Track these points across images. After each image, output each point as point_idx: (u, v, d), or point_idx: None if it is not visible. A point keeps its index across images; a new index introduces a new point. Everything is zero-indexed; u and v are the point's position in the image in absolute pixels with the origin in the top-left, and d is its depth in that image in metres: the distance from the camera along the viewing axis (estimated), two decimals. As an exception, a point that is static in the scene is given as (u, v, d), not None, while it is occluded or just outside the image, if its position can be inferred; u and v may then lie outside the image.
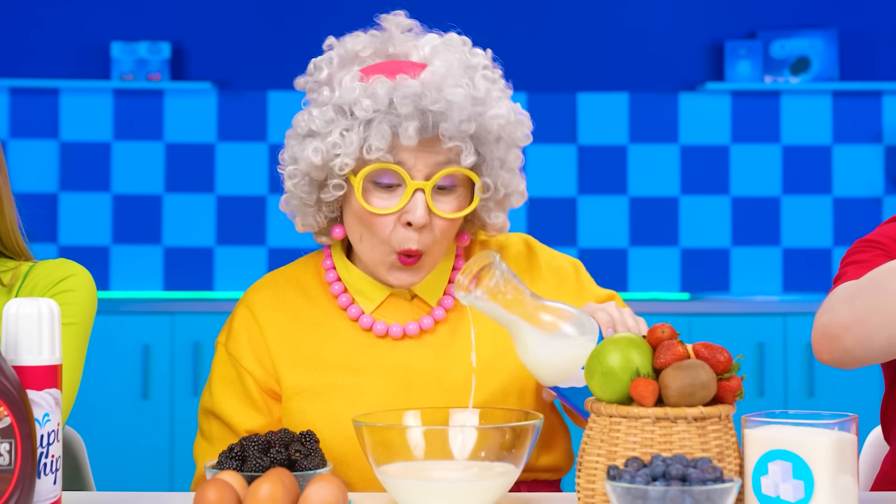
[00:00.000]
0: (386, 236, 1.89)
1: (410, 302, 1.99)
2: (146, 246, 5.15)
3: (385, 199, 1.89)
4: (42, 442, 1.51)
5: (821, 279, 5.20)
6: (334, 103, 1.89)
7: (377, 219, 1.89)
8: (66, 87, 5.12)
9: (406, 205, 1.88)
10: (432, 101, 1.84)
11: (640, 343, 1.55)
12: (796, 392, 4.63)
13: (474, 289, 1.68)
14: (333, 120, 1.88)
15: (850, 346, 1.82)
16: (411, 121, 1.84)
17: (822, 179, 5.22)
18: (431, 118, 1.85)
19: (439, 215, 1.89)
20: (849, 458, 1.51)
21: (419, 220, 1.87)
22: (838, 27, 5.19)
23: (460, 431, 1.59)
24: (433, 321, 1.97)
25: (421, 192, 1.88)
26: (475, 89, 1.88)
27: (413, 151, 1.87)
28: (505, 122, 1.90)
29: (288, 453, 1.64)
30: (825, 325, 1.85)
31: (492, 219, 1.98)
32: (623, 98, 5.20)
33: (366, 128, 1.87)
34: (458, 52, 1.92)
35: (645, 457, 1.50)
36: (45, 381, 1.52)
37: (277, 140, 5.18)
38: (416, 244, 1.89)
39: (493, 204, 1.97)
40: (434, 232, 1.90)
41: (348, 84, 1.88)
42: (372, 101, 1.85)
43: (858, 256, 2.00)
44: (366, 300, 1.98)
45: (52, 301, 1.55)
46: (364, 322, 1.96)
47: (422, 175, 1.88)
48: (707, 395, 1.52)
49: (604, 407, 1.54)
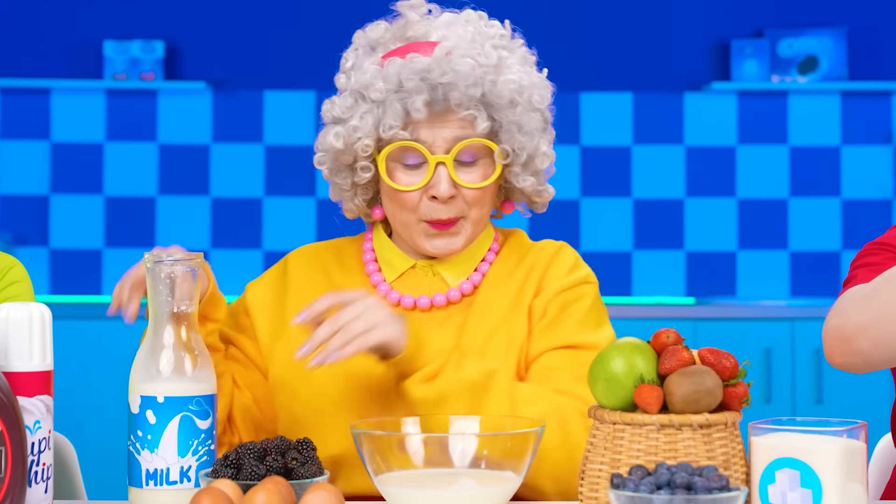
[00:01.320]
0: (413, 209, 1.99)
1: (432, 278, 2.06)
2: (140, 249, 5.14)
3: (410, 175, 1.99)
4: (33, 449, 1.51)
5: (829, 283, 5.20)
6: (352, 89, 2.01)
7: (404, 195, 1.99)
8: (57, 86, 5.12)
9: (430, 180, 1.98)
10: (440, 74, 1.94)
11: (644, 349, 1.55)
12: (804, 399, 4.63)
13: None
14: (353, 105, 2.00)
15: (864, 349, 1.82)
16: (419, 94, 1.95)
17: (830, 181, 5.22)
18: (441, 91, 1.95)
19: (465, 186, 1.99)
20: (858, 466, 1.51)
21: (444, 194, 1.97)
22: (847, 25, 5.19)
23: (460, 439, 1.59)
24: (446, 300, 2.04)
25: (442, 165, 1.98)
26: (486, 58, 1.98)
27: (429, 127, 1.98)
28: (517, 86, 1.99)
29: (284, 461, 1.64)
30: (838, 328, 1.84)
31: (520, 182, 2.04)
32: (627, 98, 5.20)
33: (380, 108, 1.98)
34: (473, 25, 2.02)
35: (649, 465, 1.50)
36: (36, 388, 1.52)
37: (274, 141, 5.19)
38: (445, 213, 1.99)
39: (520, 168, 2.04)
40: (466, 200, 2.00)
41: (365, 69, 1.99)
42: (384, 82, 1.96)
43: (869, 259, 1.99)
44: (389, 269, 2.07)
45: (44, 306, 1.55)
46: (381, 289, 2.05)
47: (442, 150, 1.98)
48: (713, 401, 1.52)
49: (607, 414, 1.54)
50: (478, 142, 1.98)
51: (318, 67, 5.16)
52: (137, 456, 1.65)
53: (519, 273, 2.06)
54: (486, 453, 1.59)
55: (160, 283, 1.69)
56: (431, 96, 1.96)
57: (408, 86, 1.95)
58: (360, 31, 2.08)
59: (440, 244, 2.02)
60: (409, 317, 1.97)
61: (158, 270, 1.69)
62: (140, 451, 1.65)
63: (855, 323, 1.82)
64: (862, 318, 1.82)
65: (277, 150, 5.19)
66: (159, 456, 1.65)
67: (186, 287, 1.69)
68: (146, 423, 1.65)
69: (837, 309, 1.86)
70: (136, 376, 1.67)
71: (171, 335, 1.69)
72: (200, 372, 1.68)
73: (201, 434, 1.67)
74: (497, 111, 1.99)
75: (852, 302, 1.84)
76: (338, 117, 2.02)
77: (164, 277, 1.69)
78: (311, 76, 5.17)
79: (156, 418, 1.64)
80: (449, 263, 2.06)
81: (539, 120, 2.03)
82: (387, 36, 2.05)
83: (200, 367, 1.69)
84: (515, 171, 2.04)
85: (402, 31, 2.05)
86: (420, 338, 1.89)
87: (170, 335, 1.69)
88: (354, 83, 2.00)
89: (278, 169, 5.18)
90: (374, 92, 1.97)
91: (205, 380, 1.69)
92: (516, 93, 1.99)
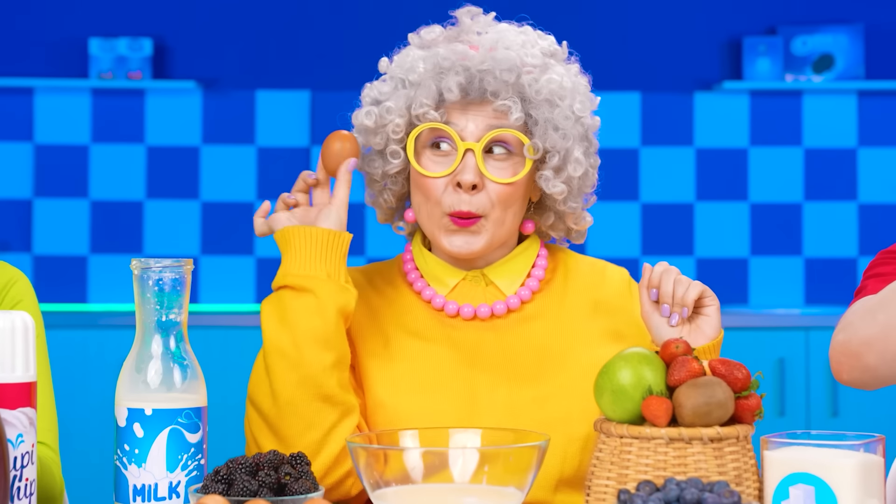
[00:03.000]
0: (438, 198, 2.03)
1: (485, 287, 2.11)
2: (126, 256, 5.15)
3: (438, 162, 2.04)
4: (15, 464, 1.51)
5: (845, 291, 5.20)
6: (394, 75, 2.08)
7: (430, 182, 2.04)
8: (40, 86, 5.12)
9: (457, 167, 2.02)
10: (480, 61, 2.01)
11: (652, 359, 1.56)
12: (819, 411, 4.63)
13: None
14: (395, 89, 2.07)
15: (872, 364, 1.81)
16: (455, 76, 2.01)
17: (846, 184, 5.22)
18: (478, 76, 2.01)
19: (492, 179, 2.02)
20: (875, 481, 1.51)
21: (469, 181, 2.00)
22: (864, 22, 5.20)
23: (461, 454, 1.59)
24: (506, 308, 2.09)
25: (471, 152, 2.02)
26: (531, 58, 2.04)
27: (463, 113, 2.03)
28: (558, 86, 2.04)
29: (277, 476, 1.64)
30: (844, 343, 1.84)
31: (550, 188, 2.08)
32: (635, 98, 5.21)
33: (415, 89, 2.04)
34: (527, 35, 2.10)
35: (658, 480, 1.50)
36: (18, 400, 1.52)
37: (266, 142, 5.19)
38: (468, 206, 2.02)
39: (551, 172, 2.08)
40: (490, 197, 2.03)
41: (410, 55, 2.07)
42: (423, 63, 2.04)
43: (880, 269, 1.99)
44: (440, 285, 2.11)
45: (26, 314, 1.55)
46: (437, 303, 2.10)
47: (473, 138, 2.02)
48: (724, 414, 1.52)
49: (614, 427, 1.54)
50: (508, 132, 2.03)
51: (313, 66, 5.16)
52: (124, 471, 1.65)
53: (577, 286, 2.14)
54: (487, 468, 1.59)
55: (148, 290, 1.69)
56: (467, 79, 2.01)
57: (444, 65, 2.01)
58: (413, 35, 2.14)
59: (458, 242, 2.04)
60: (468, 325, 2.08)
61: (146, 278, 1.69)
62: (127, 465, 1.65)
63: (861, 337, 1.82)
64: (869, 332, 1.81)
65: (270, 153, 5.20)
66: (147, 471, 1.65)
67: (176, 295, 1.69)
68: (133, 437, 1.65)
69: (844, 323, 1.86)
70: (123, 388, 1.67)
71: (160, 345, 1.69)
72: (190, 383, 1.68)
73: (191, 448, 1.67)
74: (534, 107, 2.04)
75: (858, 315, 1.84)
76: (375, 99, 2.08)
77: (151, 285, 1.69)
78: (306, 75, 5.18)
79: (143, 432, 1.64)
80: (498, 271, 2.11)
81: (578, 128, 2.08)
82: (440, 39, 2.11)
83: (190, 379, 1.69)
84: (546, 174, 2.08)
85: (455, 33, 2.11)
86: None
87: (158, 345, 1.69)
88: (396, 69, 2.07)
89: (271, 172, 5.18)
90: (412, 74, 2.03)
91: (194, 391, 1.69)
92: (556, 94, 2.04)
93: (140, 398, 1.66)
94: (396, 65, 2.08)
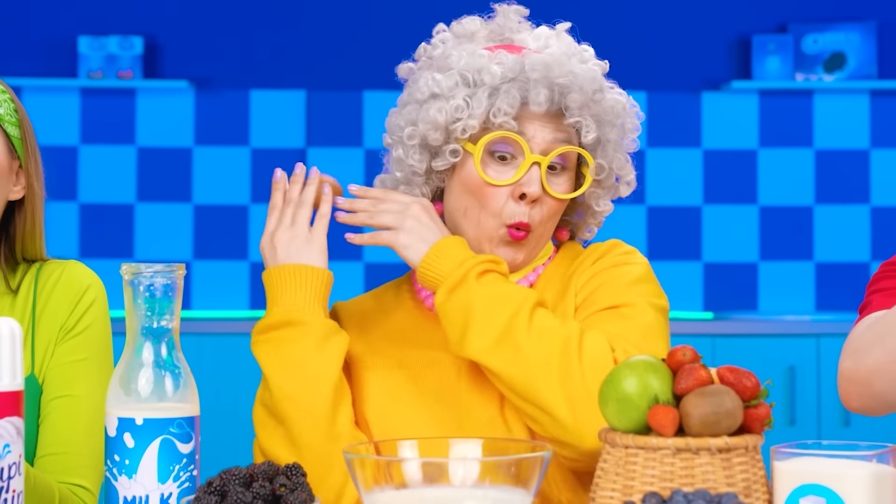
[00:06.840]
0: (497, 209, 2.04)
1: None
2: (116, 260, 5.15)
3: (500, 171, 2.05)
4: (2, 475, 1.51)
5: (857, 296, 5.20)
6: (459, 70, 2.06)
7: (491, 190, 2.04)
8: (28, 85, 5.13)
9: (522, 177, 2.03)
10: (559, 75, 2.02)
11: (658, 367, 1.56)
12: (830, 421, 4.63)
13: None
14: (457, 85, 2.05)
15: (882, 391, 1.81)
16: (542, 88, 2.02)
17: (858, 187, 5.22)
18: (558, 90, 2.03)
19: (551, 194, 2.05)
20: (888, 493, 1.51)
21: (534, 193, 2.02)
22: (877, 20, 5.20)
23: (461, 464, 1.59)
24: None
25: (537, 165, 2.03)
26: (593, 72, 2.07)
27: (536, 124, 2.04)
28: (621, 106, 2.09)
29: (272, 487, 1.64)
30: (852, 370, 1.83)
31: (599, 206, 2.14)
32: (641, 97, 5.21)
33: (493, 93, 2.04)
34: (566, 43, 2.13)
35: (664, 492, 1.50)
36: (5, 409, 1.52)
37: (260, 143, 5.19)
38: (527, 217, 2.04)
39: (602, 190, 2.13)
40: (543, 210, 2.06)
41: (474, 53, 2.06)
42: (501, 67, 2.03)
43: (884, 283, 1.99)
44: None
45: (13, 321, 1.54)
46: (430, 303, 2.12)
47: (538, 150, 2.04)
48: (732, 423, 1.52)
49: (619, 437, 1.54)
50: (577, 150, 2.06)
51: (309, 65, 5.16)
52: (115, 482, 1.65)
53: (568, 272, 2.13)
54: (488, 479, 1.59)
55: (139, 296, 1.69)
56: (550, 91, 2.02)
57: (532, 76, 2.01)
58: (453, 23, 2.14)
59: (508, 253, 2.06)
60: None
61: (137, 283, 1.69)
62: (117, 476, 1.65)
63: (869, 365, 1.82)
64: (877, 359, 1.81)
65: (265, 154, 5.20)
66: (138, 482, 1.65)
67: (167, 301, 1.69)
68: (124, 447, 1.65)
69: (850, 349, 1.86)
70: (113, 397, 1.67)
71: (151, 353, 1.69)
72: (182, 392, 1.68)
73: (183, 459, 1.67)
74: (602, 126, 2.07)
75: (866, 341, 1.84)
76: (438, 94, 2.06)
77: (143, 291, 1.69)
78: (301, 74, 5.18)
79: (134, 442, 1.64)
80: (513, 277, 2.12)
81: (630, 147, 2.12)
82: (483, 32, 2.12)
83: (182, 387, 1.69)
84: (598, 192, 2.13)
85: (499, 30, 2.14)
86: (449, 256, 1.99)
87: (149, 353, 1.69)
88: (464, 65, 2.05)
89: (266, 174, 5.19)
90: (487, 76, 2.03)
91: (187, 400, 1.69)
92: (619, 113, 2.08)
93: (130, 407, 1.66)
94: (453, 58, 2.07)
